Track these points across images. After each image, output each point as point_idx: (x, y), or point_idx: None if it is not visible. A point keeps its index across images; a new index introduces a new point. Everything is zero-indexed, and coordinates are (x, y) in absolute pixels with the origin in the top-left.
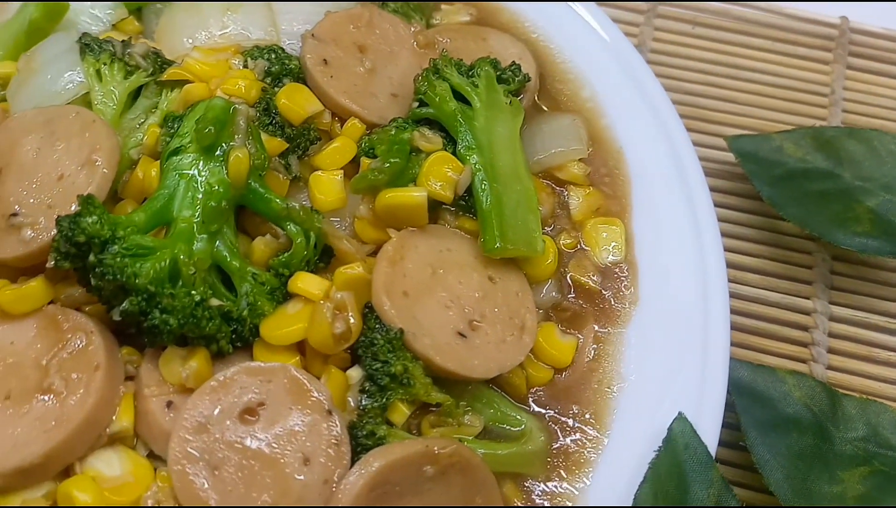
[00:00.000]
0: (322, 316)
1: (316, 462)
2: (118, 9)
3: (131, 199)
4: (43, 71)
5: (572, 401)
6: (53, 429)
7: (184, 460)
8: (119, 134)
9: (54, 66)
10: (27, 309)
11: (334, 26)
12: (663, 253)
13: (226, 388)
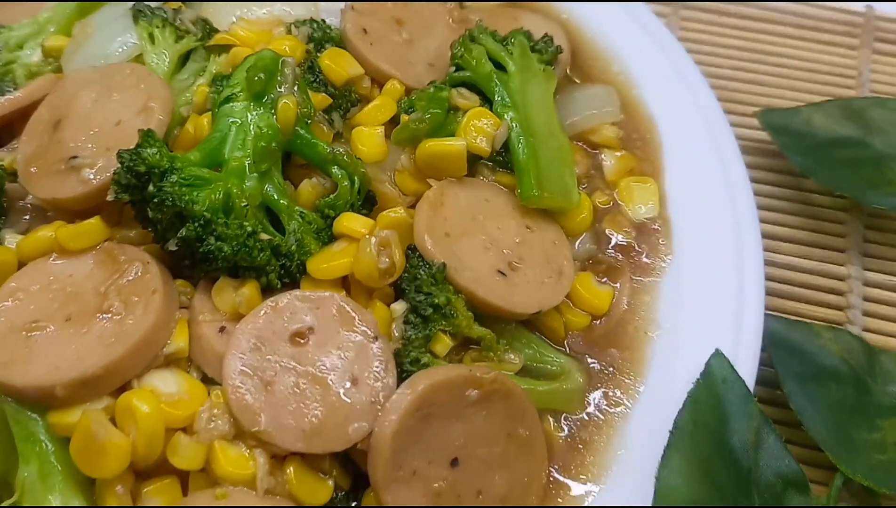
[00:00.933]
0: (368, 250)
1: (363, 382)
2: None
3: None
4: (97, 35)
5: (609, 346)
6: (113, 345)
7: (238, 376)
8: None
9: (108, 30)
10: (84, 245)
11: (373, 1)
12: (696, 210)
13: (277, 312)
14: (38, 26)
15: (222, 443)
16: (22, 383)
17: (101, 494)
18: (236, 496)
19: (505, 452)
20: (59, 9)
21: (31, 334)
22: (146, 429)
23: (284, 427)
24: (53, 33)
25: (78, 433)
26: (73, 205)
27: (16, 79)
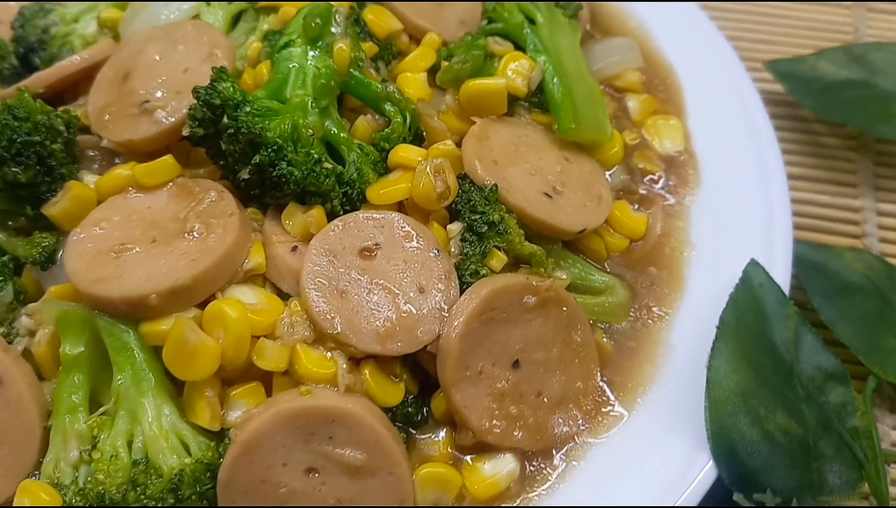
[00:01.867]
0: (426, 175)
1: (429, 291)
2: None
3: None
4: (154, 2)
5: (648, 265)
6: (199, 259)
7: (315, 285)
8: None
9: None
10: (160, 180)
11: None
12: (719, 144)
13: (347, 230)
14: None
15: (304, 346)
16: (118, 294)
17: (191, 399)
18: (320, 392)
19: (561, 356)
20: None
21: (119, 255)
22: (234, 332)
23: (360, 330)
24: (108, 6)
25: (171, 339)
26: (146, 147)
27: (74, 48)
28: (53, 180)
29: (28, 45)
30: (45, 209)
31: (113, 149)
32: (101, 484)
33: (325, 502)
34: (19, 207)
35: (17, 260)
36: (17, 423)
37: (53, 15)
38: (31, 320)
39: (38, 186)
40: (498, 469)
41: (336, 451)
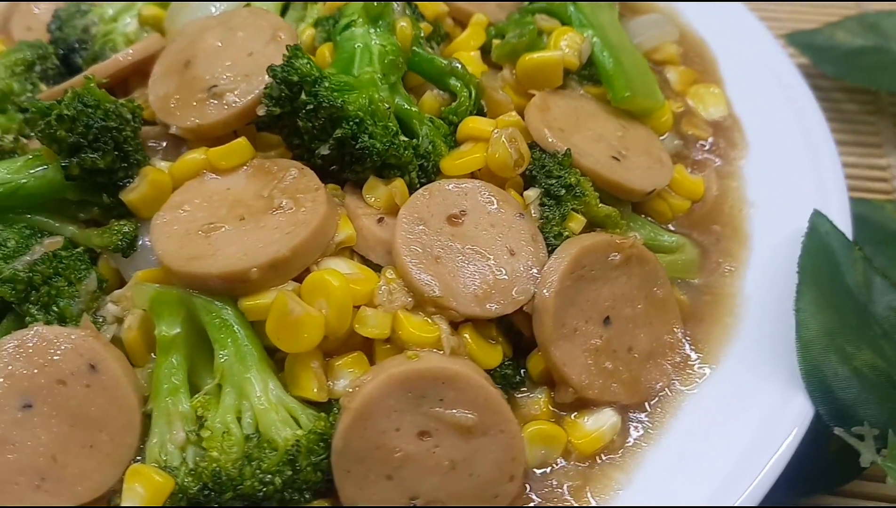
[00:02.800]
0: (501, 144)
1: (520, 253)
2: None
3: None
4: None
5: (711, 223)
6: (295, 231)
7: (410, 252)
8: None
9: None
10: (235, 162)
11: None
12: (760, 107)
13: (432, 198)
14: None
15: (405, 312)
16: (218, 270)
17: (295, 371)
18: (427, 356)
19: (646, 312)
20: None
21: (209, 234)
22: (338, 301)
23: (458, 293)
24: (147, 4)
25: (274, 311)
26: (215, 131)
27: (116, 46)
28: (130, 166)
29: (69, 46)
30: (123, 195)
31: (180, 136)
32: (216, 461)
33: (439, 465)
34: (94, 196)
35: (91, 251)
36: (117, 409)
37: (91, 15)
38: (117, 307)
39: (116, 172)
40: (600, 423)
41: (447, 413)
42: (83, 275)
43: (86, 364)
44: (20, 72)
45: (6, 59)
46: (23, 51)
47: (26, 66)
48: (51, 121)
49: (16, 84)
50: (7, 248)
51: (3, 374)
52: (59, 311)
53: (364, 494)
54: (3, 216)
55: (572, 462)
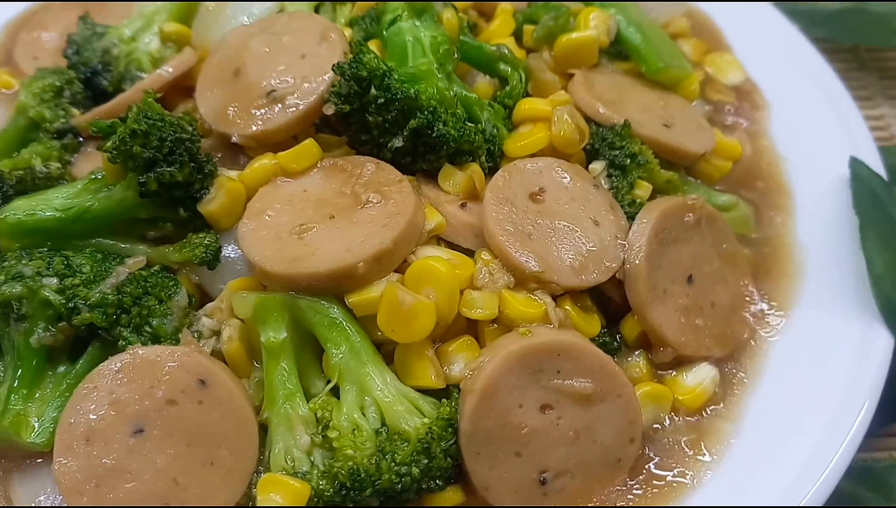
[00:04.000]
0: (564, 121)
1: (603, 223)
2: None
3: None
4: (230, 5)
5: (753, 180)
6: (392, 222)
7: (504, 232)
8: None
9: None
10: (306, 164)
11: None
12: (772, 70)
13: (511, 178)
14: (146, 19)
15: (508, 291)
16: (326, 268)
17: (408, 361)
18: (538, 330)
19: (721, 267)
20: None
21: (302, 235)
22: (445, 286)
23: (556, 267)
24: (167, 21)
25: (385, 303)
26: (278, 136)
27: (142, 65)
28: (205, 177)
29: (91, 69)
30: (201, 207)
31: (241, 144)
32: (352, 459)
33: (564, 436)
34: (168, 212)
35: (167, 268)
36: (233, 422)
37: (109, 37)
38: (212, 320)
39: (192, 185)
40: (700, 377)
41: (566, 383)
42: (173, 292)
43: (195, 380)
44: (49, 98)
45: (32, 86)
46: (49, 77)
47: (55, 92)
48: (124, 138)
49: (47, 111)
50: (83, 274)
51: (107, 402)
52: (152, 331)
53: (495, 474)
54: (67, 243)
55: (681, 417)
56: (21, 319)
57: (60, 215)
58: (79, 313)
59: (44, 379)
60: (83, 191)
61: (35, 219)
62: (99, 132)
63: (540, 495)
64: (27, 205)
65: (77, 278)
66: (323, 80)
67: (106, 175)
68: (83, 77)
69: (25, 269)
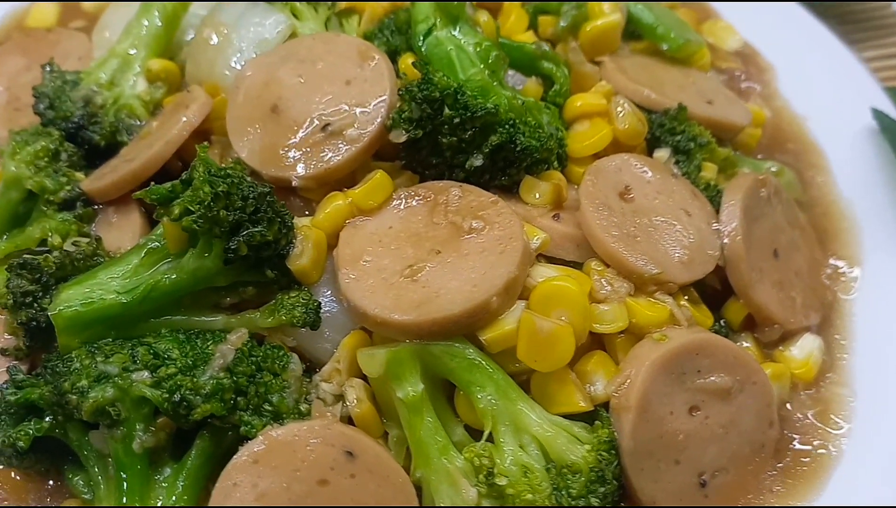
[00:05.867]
0: (628, 113)
1: (693, 211)
2: None
3: None
4: (239, 30)
5: (784, 142)
6: (507, 248)
7: (613, 238)
8: None
9: (247, 21)
10: (382, 198)
11: None
12: (764, 31)
13: (598, 181)
14: (121, 58)
15: (631, 298)
16: (459, 309)
17: (550, 389)
18: (672, 333)
19: (793, 236)
20: (128, 36)
21: (415, 277)
22: (577, 306)
23: (669, 265)
24: (148, 57)
25: (523, 334)
26: (341, 172)
27: (135, 112)
28: (288, 231)
29: (75, 124)
30: (291, 263)
31: (300, 187)
32: (532, 503)
33: (714, 434)
34: (253, 274)
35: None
36: (391, 488)
37: (85, 84)
38: (332, 384)
39: (279, 242)
40: (808, 349)
41: (708, 381)
42: (285, 362)
43: (341, 453)
44: (45, 165)
45: (22, 153)
46: (37, 140)
47: (50, 156)
48: (208, 203)
49: (47, 180)
50: (175, 360)
51: (253, 498)
52: (273, 409)
53: (660, 486)
54: (133, 327)
55: (801, 392)
56: (115, 424)
57: (125, 299)
58: (191, 406)
59: (152, 486)
60: (141, 266)
61: (96, 309)
62: (159, 200)
63: (702, 497)
64: (79, 293)
65: (171, 366)
66: (381, 106)
67: (167, 243)
68: (66, 133)
69: (109, 368)
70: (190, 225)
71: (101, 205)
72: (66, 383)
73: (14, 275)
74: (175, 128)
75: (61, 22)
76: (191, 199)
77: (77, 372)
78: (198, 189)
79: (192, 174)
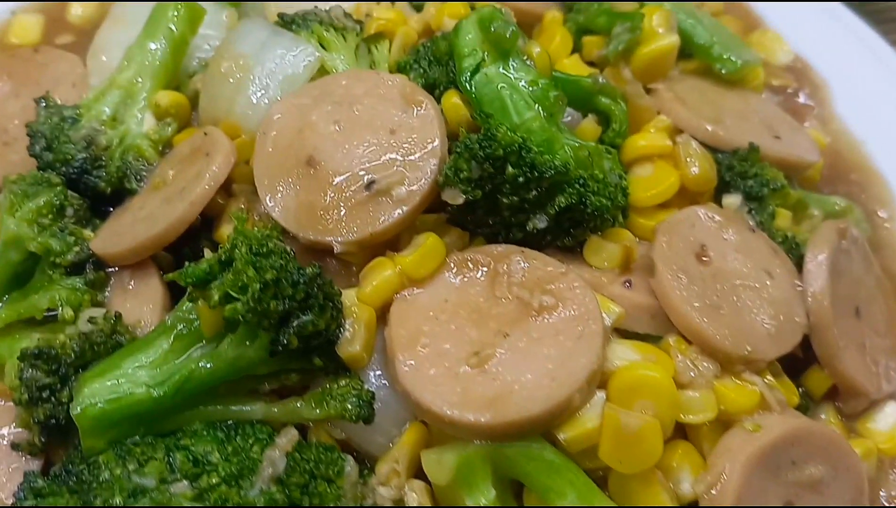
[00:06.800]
0: (698, 156)
1: (774, 271)
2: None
3: None
4: (264, 63)
5: (846, 172)
6: (585, 332)
7: (695, 310)
8: None
9: (271, 52)
10: (434, 266)
11: None
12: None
13: (672, 241)
14: (125, 89)
15: (720, 382)
16: (539, 409)
17: (631, 490)
18: (765, 421)
19: (870, 287)
20: (130, 63)
21: (484, 366)
22: (665, 396)
23: (758, 340)
24: (154, 88)
25: (607, 433)
26: (388, 235)
27: (143, 153)
28: (338, 313)
29: (77, 169)
30: (342, 350)
31: (342, 253)
32: None
33: None
34: (300, 362)
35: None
36: None
37: (85, 121)
38: (389, 488)
39: (329, 327)
40: (892, 419)
41: (804, 474)
42: (340, 466)
43: None
44: (49, 223)
45: (23, 209)
46: (39, 193)
47: (54, 212)
48: (257, 296)
49: (53, 241)
50: (216, 466)
51: None
52: None
53: None
54: (164, 421)
55: (890, 471)
56: None
57: (156, 392)
58: None
59: None
60: (171, 352)
61: (123, 405)
62: (195, 283)
63: None
64: (104, 387)
65: (213, 475)
66: (432, 160)
67: (201, 327)
68: (67, 178)
69: (144, 481)
70: (234, 315)
71: (114, 267)
72: (96, 499)
73: (28, 366)
74: (198, 186)
75: (46, 37)
76: (232, 284)
77: (107, 484)
78: (240, 272)
79: (231, 254)
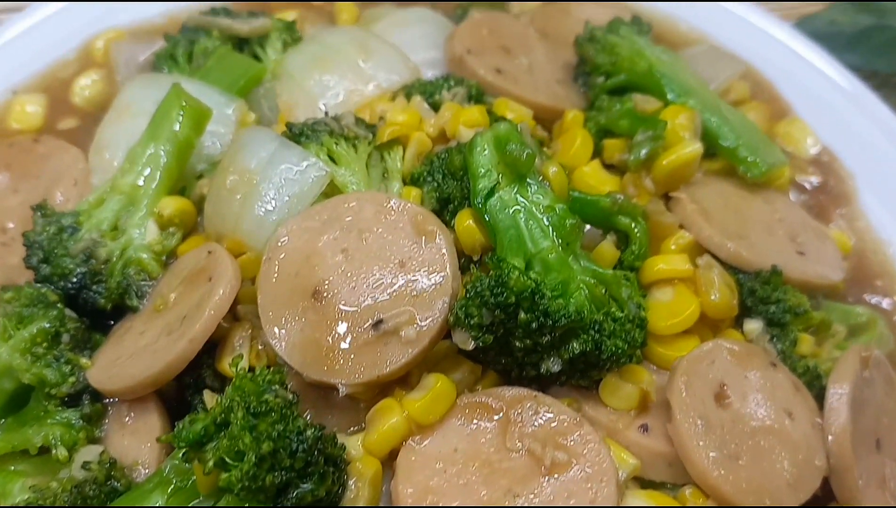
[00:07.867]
0: (723, 283)
1: (795, 411)
2: (237, 102)
3: None
4: (268, 178)
5: (871, 279)
6: (598, 498)
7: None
8: None
9: (276, 168)
10: (443, 411)
11: (473, 39)
12: (841, 130)
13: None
14: (127, 195)
15: None
16: None
17: None
18: None
19: (892, 413)
20: (133, 165)
21: None
22: None
23: (777, 491)
24: (159, 194)
25: None
26: (396, 376)
27: (145, 268)
28: (341, 472)
29: (75, 285)
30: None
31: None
32: None
33: None
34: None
35: None
36: None
37: (84, 231)
38: None
39: (331, 492)
40: None
41: None
42: None
43: None
44: (44, 352)
45: (16, 338)
46: (33, 319)
47: (49, 341)
48: (252, 473)
49: (48, 371)
50: None
51: None
52: None
53: None
54: None
55: None
56: None
57: None
58: None
59: None
60: None
61: None
62: (188, 445)
63: None
64: None
65: None
66: (443, 299)
67: (197, 485)
68: (65, 292)
69: None
70: (230, 487)
71: (111, 399)
72: None
73: None
74: (199, 318)
75: (49, 121)
76: (228, 450)
77: None
78: (236, 438)
79: (228, 416)
